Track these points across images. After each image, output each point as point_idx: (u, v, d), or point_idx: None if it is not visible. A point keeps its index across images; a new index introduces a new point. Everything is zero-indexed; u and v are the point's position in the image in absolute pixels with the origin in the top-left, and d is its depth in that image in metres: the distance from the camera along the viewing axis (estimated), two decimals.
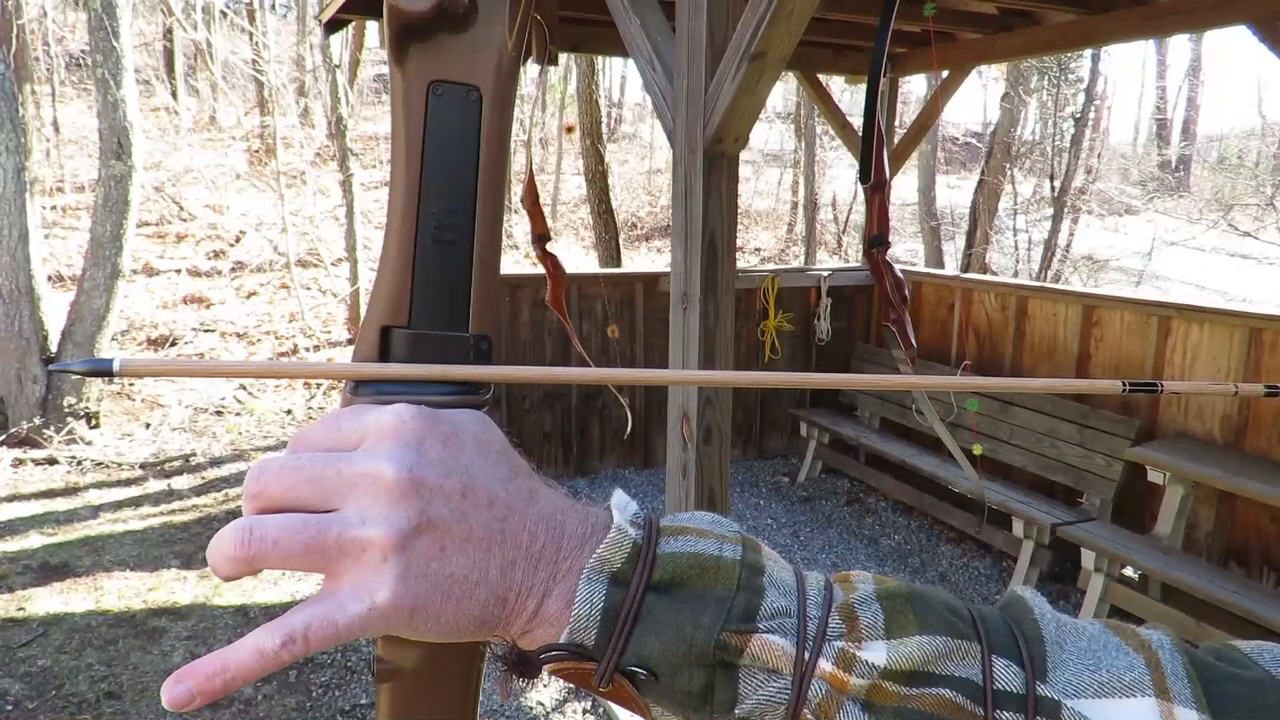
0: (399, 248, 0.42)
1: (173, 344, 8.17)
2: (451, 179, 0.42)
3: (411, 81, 0.41)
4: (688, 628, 0.38)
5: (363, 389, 0.41)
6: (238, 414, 6.75)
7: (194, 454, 5.85)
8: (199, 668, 0.35)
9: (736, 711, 0.38)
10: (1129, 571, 3.79)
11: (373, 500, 0.36)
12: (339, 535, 0.36)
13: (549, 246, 4.15)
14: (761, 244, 17.13)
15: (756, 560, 0.41)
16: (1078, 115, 13.13)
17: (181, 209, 12.06)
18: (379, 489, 0.36)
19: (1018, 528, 4.03)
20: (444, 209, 0.42)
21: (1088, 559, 3.69)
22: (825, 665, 0.38)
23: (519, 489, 0.40)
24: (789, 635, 0.38)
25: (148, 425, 6.32)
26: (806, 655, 0.38)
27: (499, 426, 0.42)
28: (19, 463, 5.44)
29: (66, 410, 5.83)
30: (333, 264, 10.44)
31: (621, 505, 0.41)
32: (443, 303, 0.42)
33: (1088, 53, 12.50)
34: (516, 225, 12.34)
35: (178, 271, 10.23)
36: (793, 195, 17.83)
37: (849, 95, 14.55)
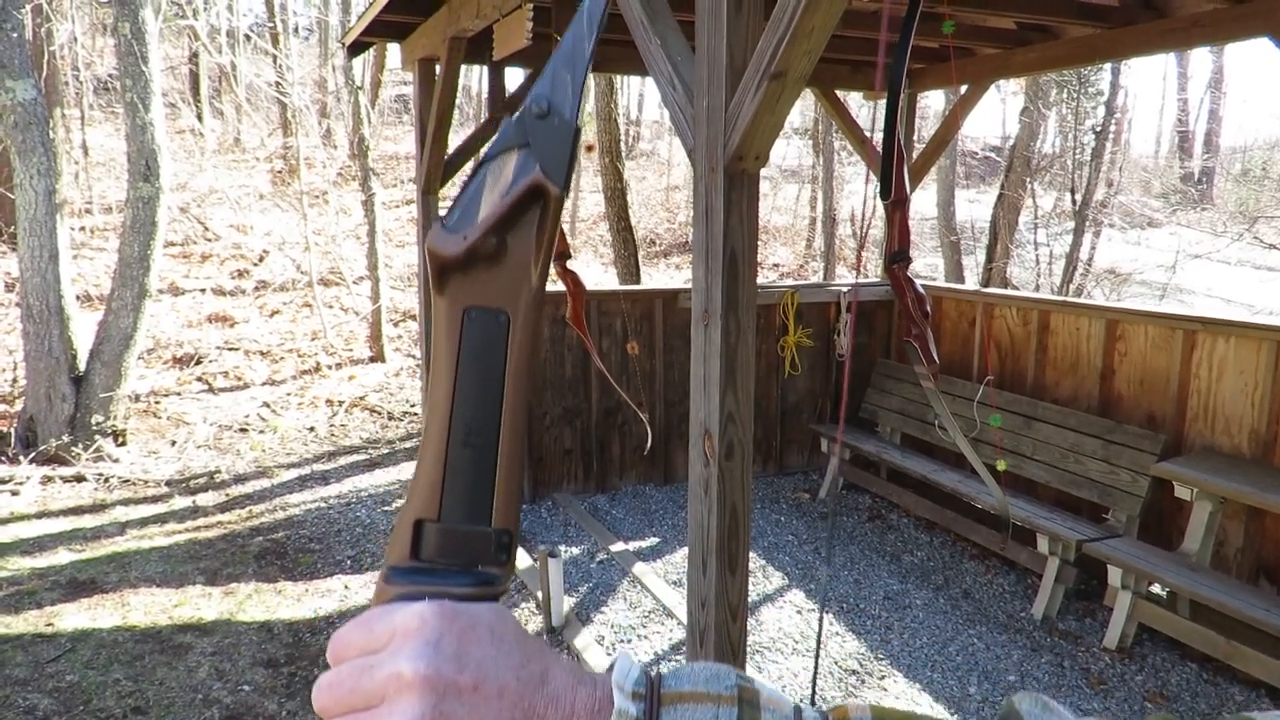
0: (434, 448, 0.48)
1: (197, 362, 8.26)
2: (481, 390, 0.48)
3: (449, 307, 0.47)
4: None
5: (394, 578, 0.47)
6: (261, 431, 6.81)
7: (219, 471, 5.91)
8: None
9: None
10: (1157, 589, 3.74)
11: (396, 695, 0.42)
12: None
13: (569, 264, 4.17)
14: (780, 259, 17.12)
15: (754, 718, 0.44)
16: (1098, 128, 13.05)
17: (206, 229, 12.23)
18: (401, 686, 0.42)
19: (1042, 544, 3.98)
20: (473, 416, 0.48)
21: (1114, 576, 3.64)
22: None
23: (530, 675, 0.44)
24: None
25: (173, 443, 6.40)
26: None
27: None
28: (48, 480, 5.52)
29: (94, 428, 5.92)
30: (354, 282, 10.54)
31: (621, 680, 0.45)
32: (469, 499, 0.48)
33: (1107, 65, 12.44)
34: None
35: (202, 291, 10.37)
36: (811, 210, 17.82)
37: (865, 110, 14.56)
